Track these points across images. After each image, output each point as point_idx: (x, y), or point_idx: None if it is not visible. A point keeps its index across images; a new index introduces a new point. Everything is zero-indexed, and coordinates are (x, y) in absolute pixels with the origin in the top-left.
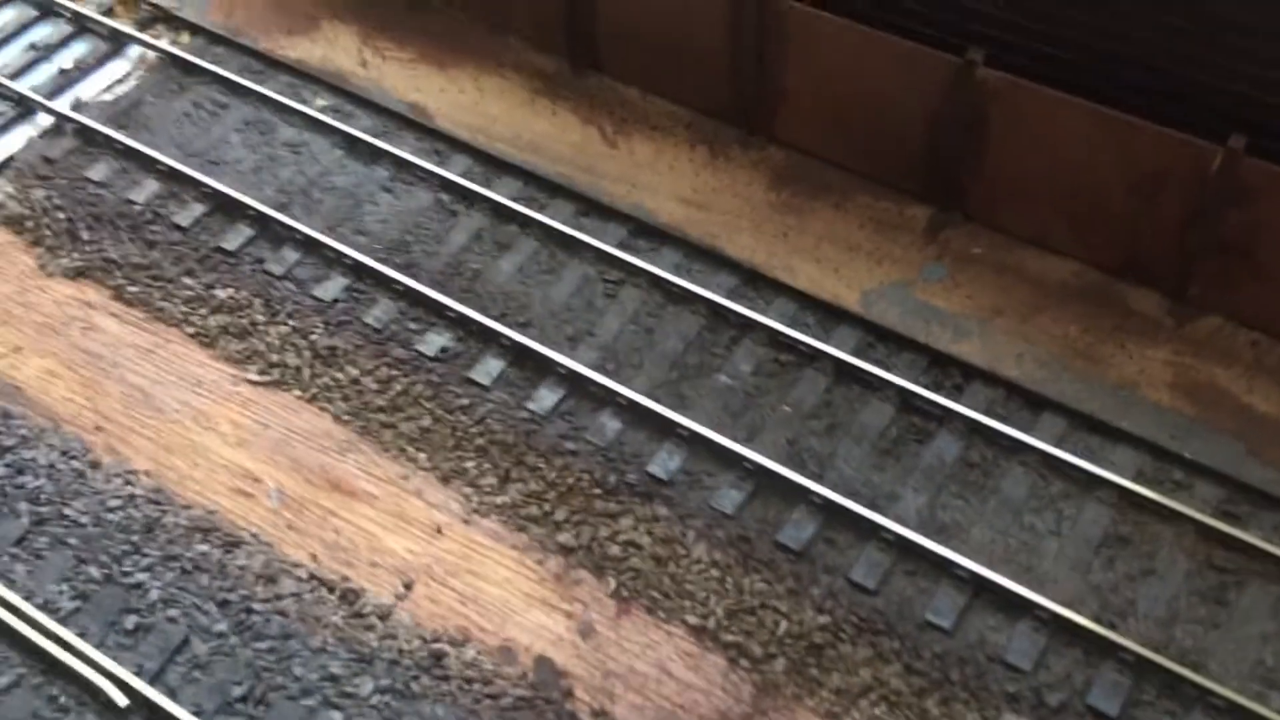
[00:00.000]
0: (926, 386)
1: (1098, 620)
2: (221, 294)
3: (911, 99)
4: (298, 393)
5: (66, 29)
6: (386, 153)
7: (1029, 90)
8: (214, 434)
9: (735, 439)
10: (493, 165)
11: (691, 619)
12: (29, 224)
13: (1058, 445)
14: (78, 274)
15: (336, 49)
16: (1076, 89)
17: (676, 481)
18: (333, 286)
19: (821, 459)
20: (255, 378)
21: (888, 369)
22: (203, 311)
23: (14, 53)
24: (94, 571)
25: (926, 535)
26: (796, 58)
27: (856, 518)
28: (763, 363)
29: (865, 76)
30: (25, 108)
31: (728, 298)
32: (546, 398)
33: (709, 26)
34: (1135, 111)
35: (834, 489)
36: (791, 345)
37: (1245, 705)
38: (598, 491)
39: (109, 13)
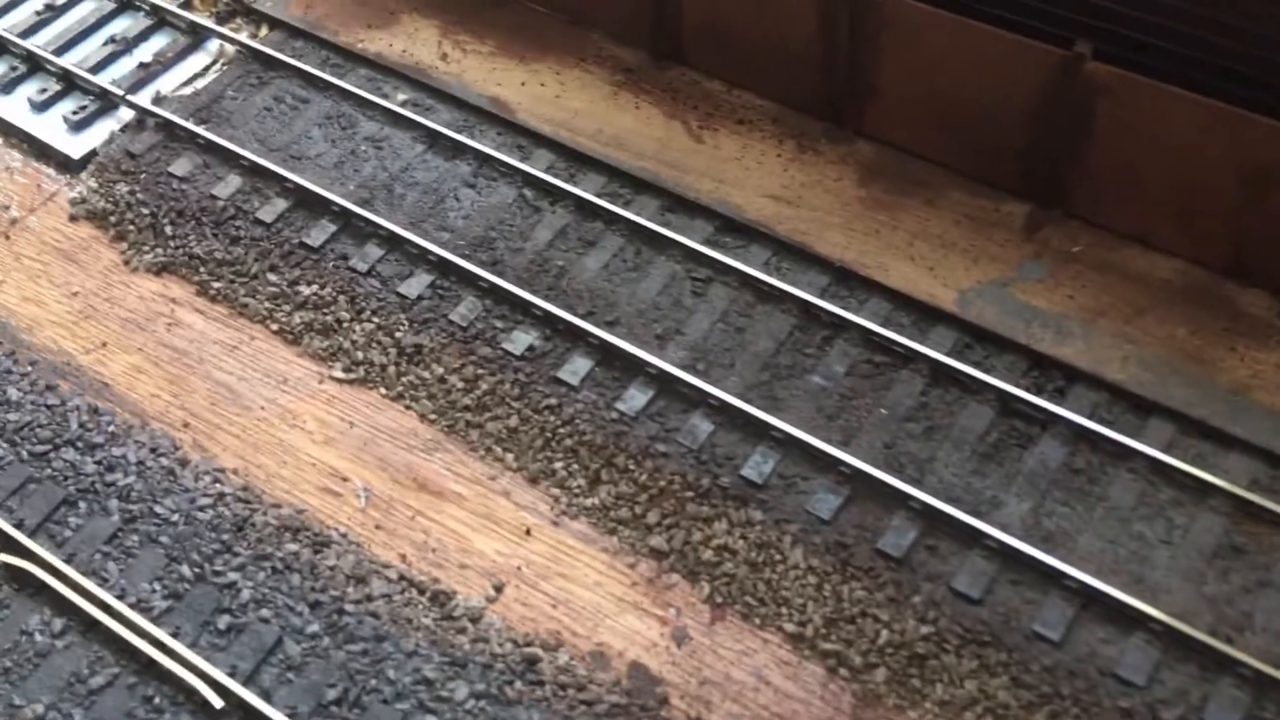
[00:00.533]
0: (1028, 389)
1: (1213, 633)
2: (306, 290)
3: (1014, 93)
4: (383, 391)
5: (145, 22)
6: (468, 148)
7: (1139, 84)
8: (300, 432)
9: (830, 442)
10: (576, 160)
11: (789, 626)
12: (113, 219)
13: (1167, 451)
14: (162, 269)
15: (416, 43)
16: (1188, 83)
17: (771, 485)
18: (417, 283)
19: (920, 463)
20: (340, 375)
21: (987, 371)
22: (287, 308)
23: (93, 46)
24: (186, 570)
25: (1032, 543)
26: (891, 49)
27: (958, 524)
28: (857, 364)
29: (964, 69)
30: (107, 102)
31: (819, 296)
32: (636, 398)
33: (799, 18)
34: (1248, 106)
35: (934, 494)
36: (886, 346)
37: None
38: (690, 494)
39: (187, 5)
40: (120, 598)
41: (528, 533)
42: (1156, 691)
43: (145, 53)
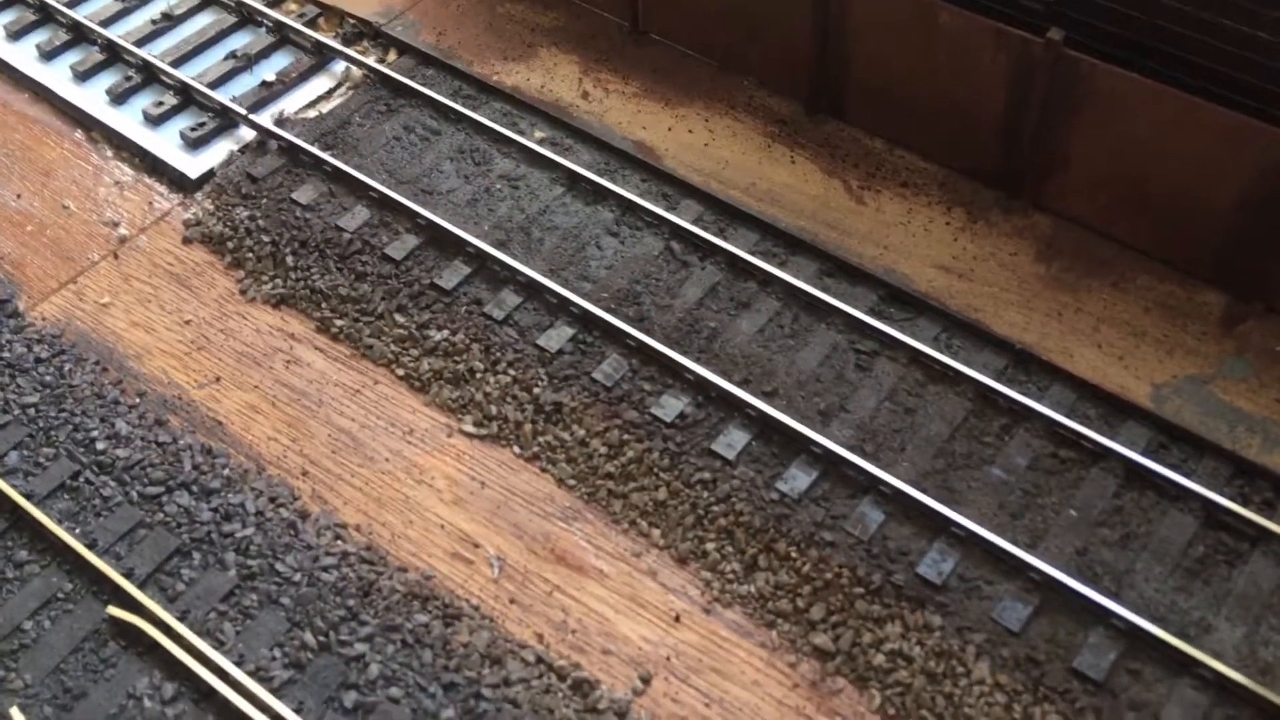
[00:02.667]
0: (1233, 499)
1: None
2: (436, 335)
3: (1228, 175)
4: (517, 450)
5: (267, 39)
6: (611, 193)
7: None
8: (428, 488)
9: (1016, 543)
10: (727, 214)
11: None
12: (230, 244)
13: None
14: (280, 302)
15: (555, 78)
16: None
17: (951, 587)
18: (557, 336)
19: (1117, 574)
20: (471, 429)
21: (1187, 475)
22: (415, 353)
23: (212, 60)
24: (309, 638)
25: (1249, 676)
26: (1091, 120)
27: (1165, 647)
28: (1041, 457)
29: (1175, 148)
30: (227, 120)
31: (997, 379)
32: (798, 478)
33: (988, 83)
34: None
35: (1136, 611)
36: (1073, 440)
37: None
38: (860, 591)
39: (312, 24)
40: (239, 664)
41: (677, 619)
42: None
43: (267, 71)
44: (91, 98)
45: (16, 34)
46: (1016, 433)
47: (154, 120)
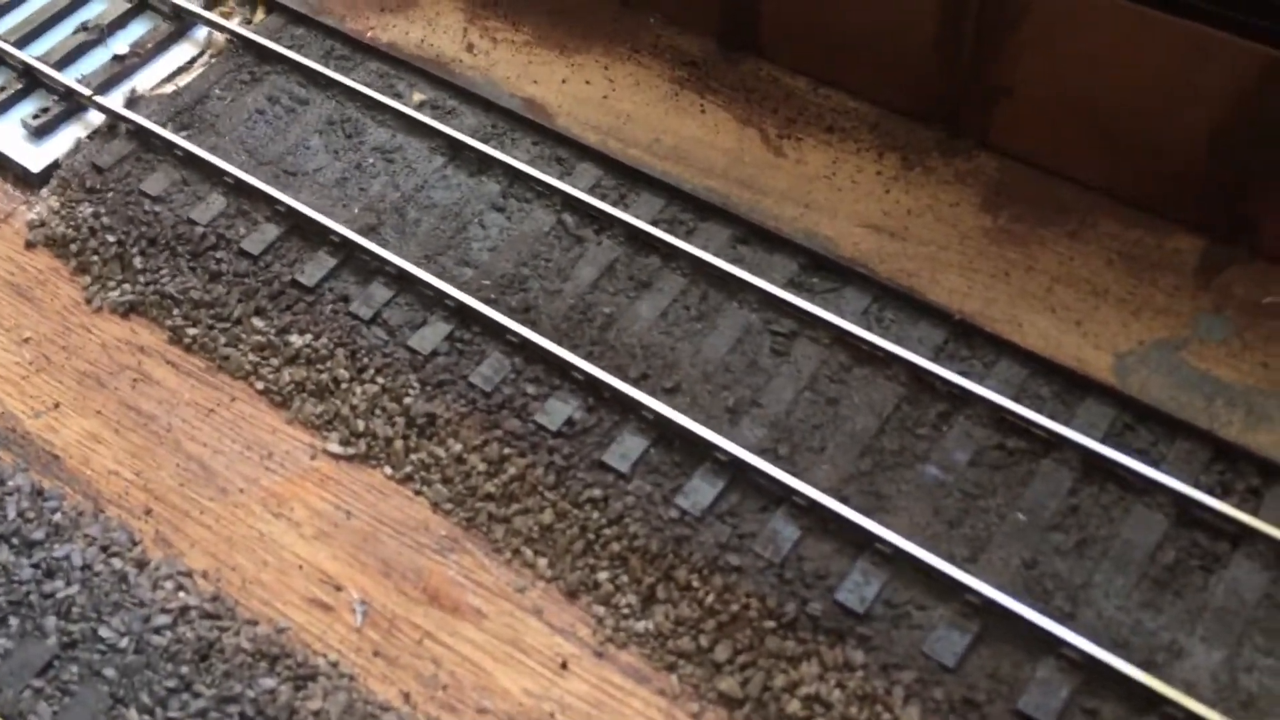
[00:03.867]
0: (1211, 490)
1: None
2: (297, 341)
3: (1199, 99)
4: (388, 470)
5: (123, 5)
6: (497, 161)
7: None
8: (286, 522)
9: (952, 559)
10: (627, 178)
11: None
12: (74, 247)
13: None
14: (129, 310)
15: (437, 30)
16: None
17: (876, 615)
18: (431, 335)
19: (1072, 590)
20: (337, 449)
21: (1155, 463)
22: (275, 362)
23: (61, 35)
24: (133, 716)
25: (1228, 712)
26: (1029, 41)
27: (1128, 683)
28: (984, 450)
29: (1134, 68)
30: (73, 103)
31: (933, 359)
32: (702, 491)
33: (916, 1)
34: None
35: (1092, 636)
36: (1022, 427)
37: None
38: (771, 624)
39: None
40: None
41: (564, 666)
42: None
43: (121, 43)
44: None
45: None
46: (956, 421)
47: None
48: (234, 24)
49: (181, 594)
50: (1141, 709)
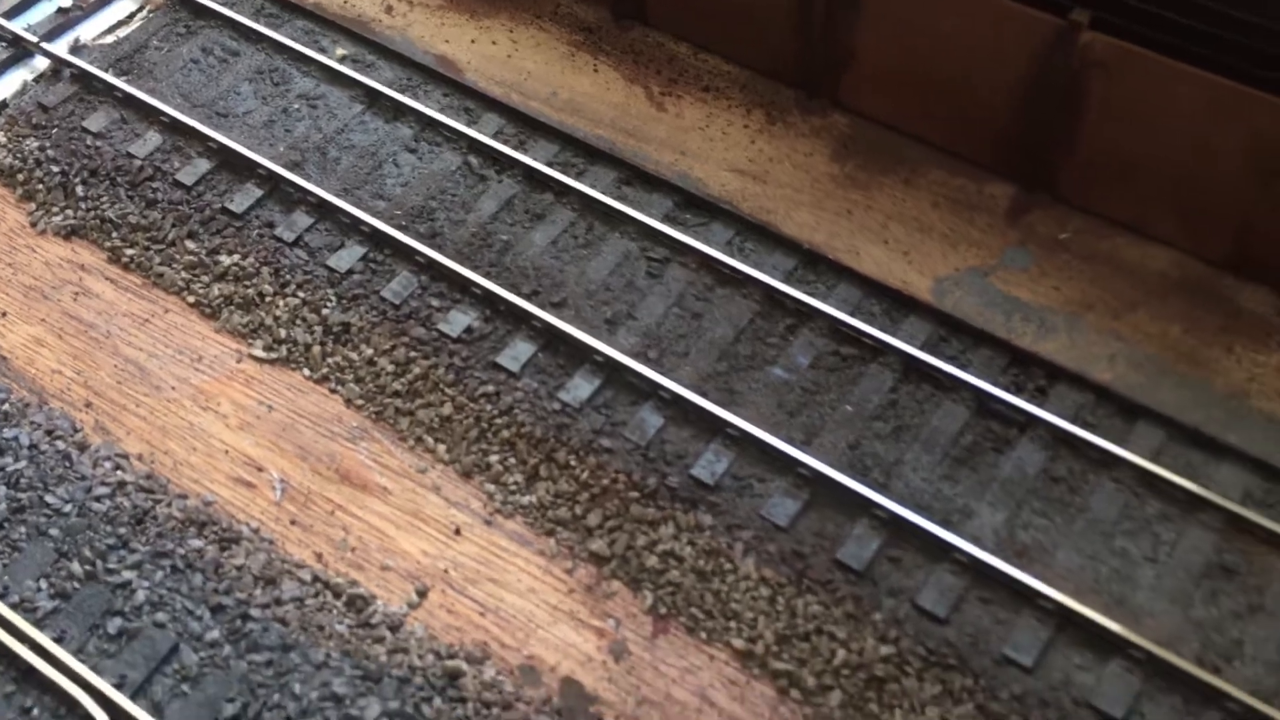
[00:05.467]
0: (1006, 388)
1: (1199, 662)
2: (226, 260)
3: (1002, 63)
4: (306, 372)
5: None
6: (410, 109)
7: (1139, 57)
8: (214, 415)
9: (790, 441)
10: (527, 126)
11: (737, 642)
12: (20, 177)
13: (1155, 460)
14: (71, 233)
15: None
16: (1193, 58)
17: (724, 487)
18: (348, 256)
19: (887, 466)
20: (261, 354)
21: (963, 367)
22: (205, 279)
23: None
24: (76, 567)
25: (1005, 559)
26: (870, 11)
27: (926, 535)
28: (822, 355)
29: (949, 36)
30: (20, 50)
31: (784, 281)
32: (581, 388)
33: None
34: (1259, 85)
35: (900, 501)
36: (855, 337)
37: None
38: (635, 495)
39: None
40: (2, 597)
41: (457, 532)
42: None
43: None
44: None
45: None
46: (801, 333)
47: None
48: None
49: (119, 472)
50: (936, 557)
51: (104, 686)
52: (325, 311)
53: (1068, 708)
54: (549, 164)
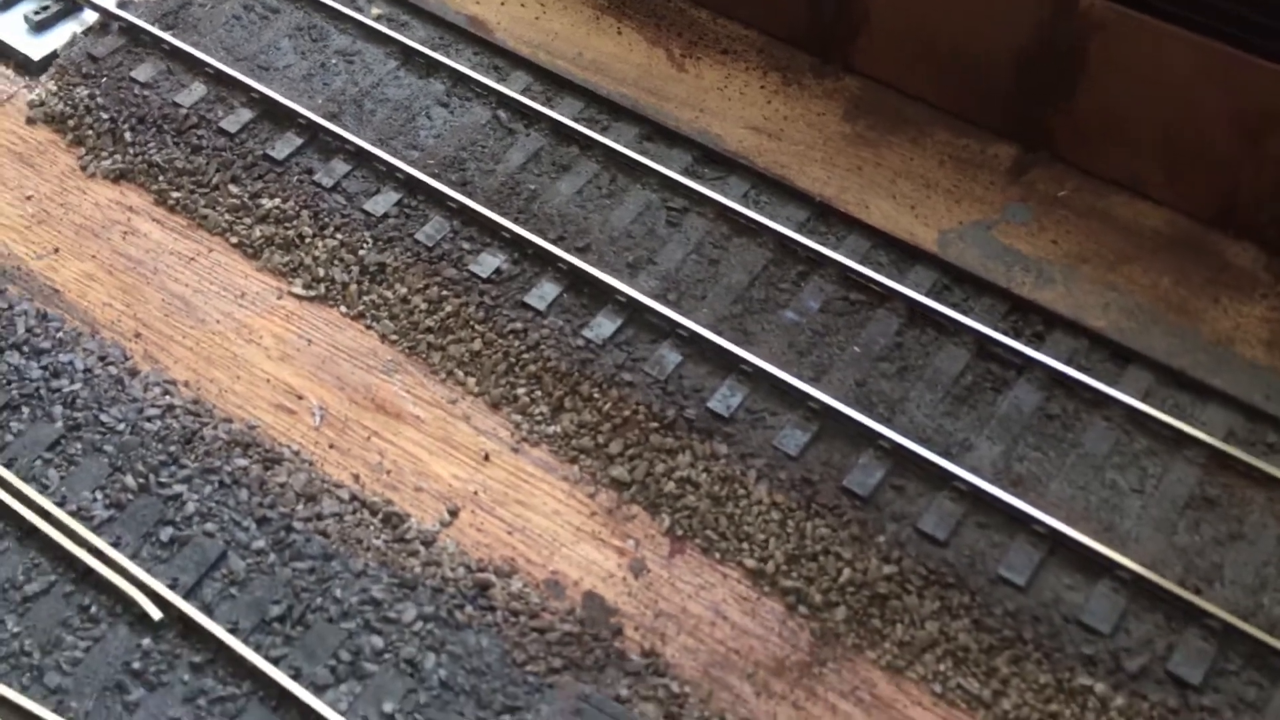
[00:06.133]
0: (1005, 333)
1: (1182, 584)
2: (268, 204)
3: (1005, 27)
4: (344, 309)
5: None
6: (443, 65)
7: (1135, 21)
8: (256, 347)
9: (801, 377)
10: (554, 84)
11: (749, 562)
12: (71, 123)
13: (1144, 400)
14: (119, 176)
15: None
16: (1187, 22)
17: (738, 419)
18: (383, 201)
19: (891, 403)
20: (300, 292)
21: (964, 313)
22: (247, 221)
23: None
24: (130, 480)
25: (1001, 487)
26: None
27: (927, 465)
28: (832, 300)
29: (956, 1)
30: (70, 4)
31: (797, 231)
32: (604, 326)
33: None
34: (1249, 49)
35: (904, 434)
36: (863, 284)
37: None
38: (654, 425)
39: None
40: (60, 505)
41: (486, 458)
42: (1121, 640)
43: None
44: None
45: None
46: (812, 279)
47: None
48: None
49: (167, 397)
50: (937, 486)
51: (159, 586)
52: (362, 252)
53: (1058, 623)
54: (574, 119)
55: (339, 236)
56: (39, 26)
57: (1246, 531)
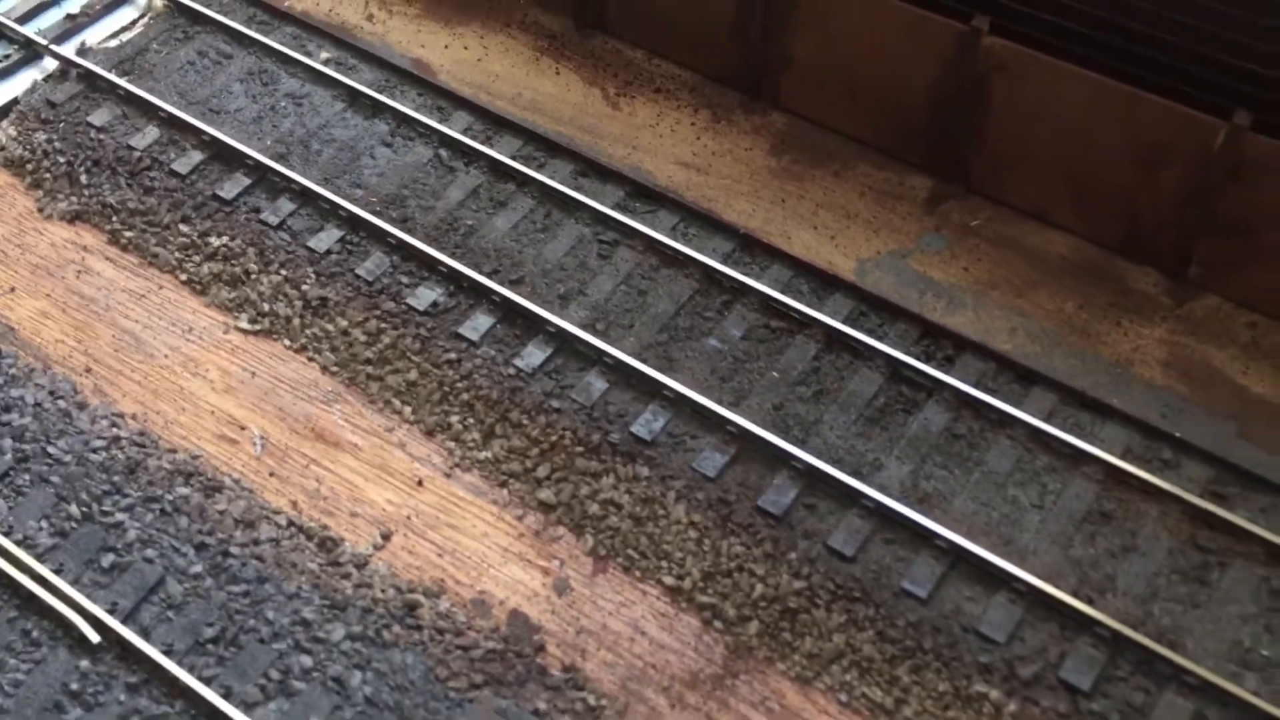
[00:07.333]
0: (917, 357)
1: (1075, 594)
2: (216, 242)
3: (916, 67)
4: (287, 342)
5: None
6: (388, 107)
7: (1033, 59)
8: (202, 380)
9: (721, 402)
10: (494, 123)
11: (668, 579)
12: (29, 166)
13: (1046, 420)
14: (75, 217)
15: (343, 2)
16: (1081, 60)
17: (660, 443)
18: (326, 238)
19: (806, 425)
20: (246, 326)
21: (879, 338)
22: (196, 259)
23: None
24: (74, 509)
25: (908, 504)
26: (803, 22)
27: (838, 484)
28: (754, 328)
29: (871, 43)
30: (31, 52)
31: (722, 262)
32: (534, 355)
33: None
34: (1140, 84)
35: (817, 455)
36: (784, 312)
37: (1220, 685)
38: (580, 449)
39: None
40: (7, 534)
41: (420, 484)
42: (1016, 648)
43: (74, 4)
44: None
45: None
46: (735, 308)
47: None
48: None
49: (114, 429)
50: (847, 504)
51: (98, 610)
52: (305, 287)
53: (956, 633)
54: (512, 157)
55: (283, 272)
56: (0, 74)
57: (1139, 544)
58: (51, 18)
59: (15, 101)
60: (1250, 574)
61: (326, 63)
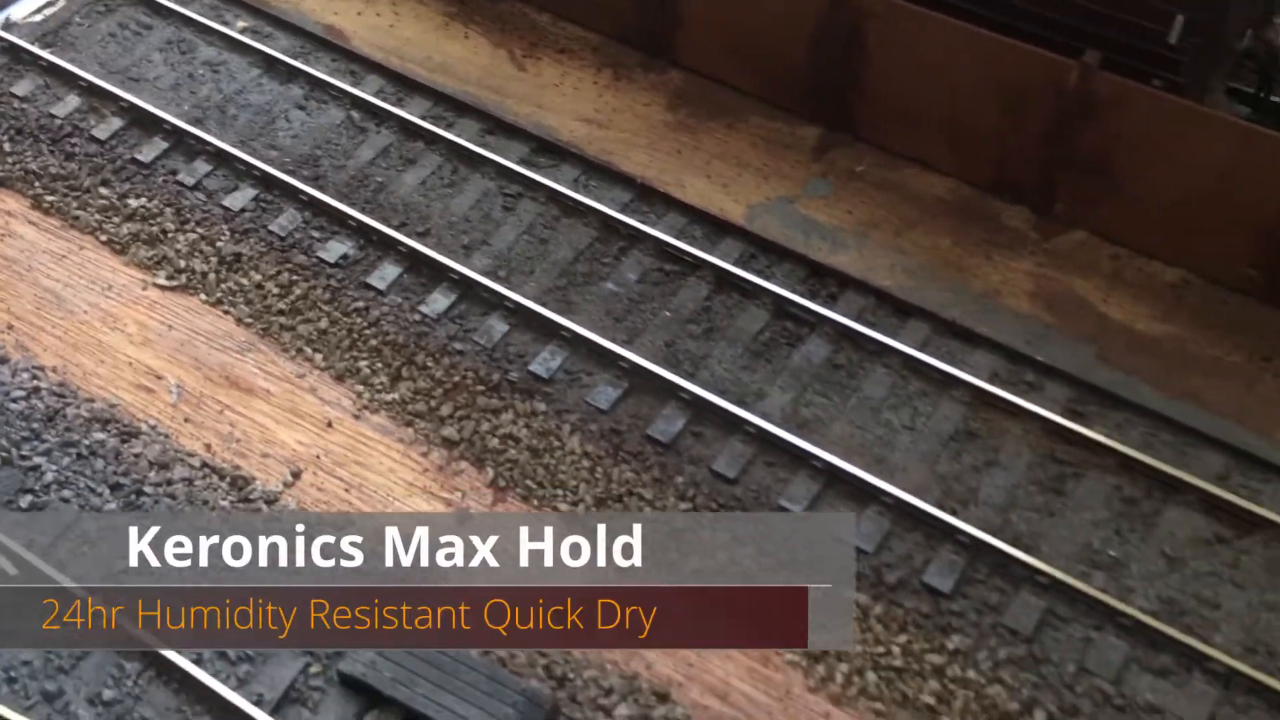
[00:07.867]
0: (802, 294)
1: (940, 506)
2: (134, 203)
3: (794, 19)
4: (203, 297)
5: None
6: (302, 72)
7: (901, 8)
8: (120, 334)
9: (615, 341)
10: (404, 86)
11: (562, 506)
12: None
13: (920, 349)
14: None
15: None
16: (947, 8)
17: (556, 380)
18: (241, 197)
19: (696, 360)
20: (163, 282)
21: (766, 278)
22: (116, 220)
23: None
24: None
25: (787, 429)
26: None
27: (723, 413)
28: (648, 271)
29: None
30: None
31: (620, 211)
32: (439, 301)
33: None
34: (1002, 30)
35: (704, 387)
36: (677, 256)
37: (1069, 583)
38: (481, 389)
39: None
40: None
41: (329, 425)
42: (884, 556)
43: None
44: None
45: None
46: (631, 254)
47: None
48: None
49: (34, 380)
50: (731, 431)
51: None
52: (220, 244)
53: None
54: (422, 117)
55: (199, 230)
56: None
57: (1001, 459)
58: None
59: None
60: (1103, 483)
61: (243, 31)
